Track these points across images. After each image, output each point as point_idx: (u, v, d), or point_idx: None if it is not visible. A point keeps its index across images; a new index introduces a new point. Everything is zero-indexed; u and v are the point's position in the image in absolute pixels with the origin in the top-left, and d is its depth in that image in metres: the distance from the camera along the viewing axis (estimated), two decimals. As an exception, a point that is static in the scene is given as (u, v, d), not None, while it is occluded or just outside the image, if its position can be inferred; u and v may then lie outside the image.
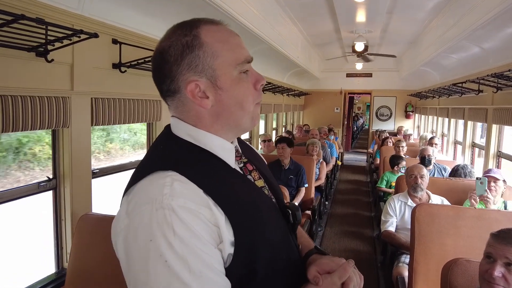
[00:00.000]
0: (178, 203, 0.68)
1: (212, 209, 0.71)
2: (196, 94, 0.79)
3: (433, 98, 7.61)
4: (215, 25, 0.82)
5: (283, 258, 0.83)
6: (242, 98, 0.82)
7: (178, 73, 0.79)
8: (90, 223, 1.99)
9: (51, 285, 2.03)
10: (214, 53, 0.79)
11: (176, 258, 0.66)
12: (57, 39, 1.79)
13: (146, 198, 0.70)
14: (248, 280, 0.75)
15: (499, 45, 3.80)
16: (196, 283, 0.66)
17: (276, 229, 0.85)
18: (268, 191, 0.92)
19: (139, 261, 0.68)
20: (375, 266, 3.99)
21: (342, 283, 0.82)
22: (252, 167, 0.92)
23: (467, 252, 2.03)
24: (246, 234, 0.74)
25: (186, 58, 0.78)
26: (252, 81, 0.84)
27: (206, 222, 0.70)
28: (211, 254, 0.69)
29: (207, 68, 0.78)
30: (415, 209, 2.25)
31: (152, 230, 0.67)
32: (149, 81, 2.75)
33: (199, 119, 0.82)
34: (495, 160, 4.27)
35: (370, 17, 5.61)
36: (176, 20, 2.97)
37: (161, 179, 0.72)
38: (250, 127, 0.88)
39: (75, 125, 2.12)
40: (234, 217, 0.73)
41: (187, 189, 0.71)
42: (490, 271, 1.39)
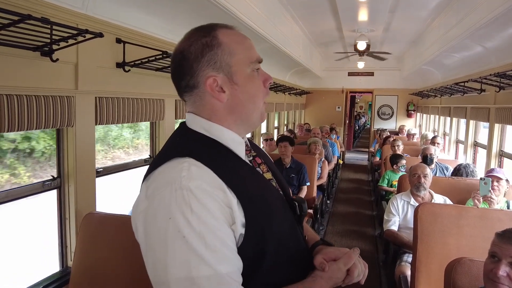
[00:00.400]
0: (195, 185, 0.74)
1: (225, 191, 0.77)
2: (214, 88, 0.86)
3: (435, 97, 7.60)
4: (230, 29, 0.91)
5: (290, 246, 0.89)
6: (254, 94, 0.90)
7: (198, 69, 0.86)
8: (94, 222, 2.00)
9: (55, 283, 2.04)
10: (231, 52, 0.87)
11: (194, 234, 0.71)
12: (62, 38, 1.80)
13: (165, 181, 0.77)
14: (257, 263, 0.80)
15: (502, 44, 3.79)
16: (212, 257, 0.72)
17: (283, 219, 0.90)
18: (276, 184, 0.98)
19: (158, 239, 0.74)
20: (377, 265, 4.00)
21: (347, 270, 0.88)
22: (261, 160, 0.99)
23: (470, 251, 2.03)
24: (256, 218, 0.80)
25: (206, 55, 0.86)
26: (262, 79, 0.92)
27: (220, 203, 0.76)
28: (225, 232, 0.75)
29: (224, 65, 0.86)
30: (417, 208, 2.25)
31: (171, 208, 0.73)
32: (152, 80, 2.79)
33: (214, 112, 0.89)
34: (497, 159, 4.27)
35: (372, 16, 5.60)
36: (180, 19, 2.98)
37: (179, 164, 0.79)
38: (258, 123, 0.95)
39: (80, 124, 2.13)
40: (245, 201, 0.79)
41: (203, 173, 0.77)
42: (495, 270, 1.40)
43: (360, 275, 0.91)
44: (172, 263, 0.72)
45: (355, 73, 10.82)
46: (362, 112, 24.42)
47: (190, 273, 0.71)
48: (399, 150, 5.46)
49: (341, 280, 0.88)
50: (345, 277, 0.88)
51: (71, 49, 1.97)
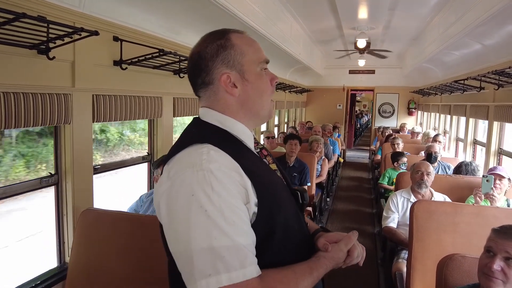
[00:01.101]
0: (215, 166, 0.84)
1: (241, 174, 0.86)
2: (228, 84, 0.97)
3: (435, 95, 7.58)
4: (240, 33, 1.03)
5: (295, 230, 0.98)
6: (262, 90, 1.01)
7: (213, 67, 0.97)
8: (92, 218, 2.02)
9: (53, 279, 2.07)
10: (242, 52, 0.99)
11: (214, 209, 0.80)
12: (58, 36, 1.81)
13: (187, 163, 0.86)
14: (267, 241, 0.89)
15: (500, 42, 3.79)
16: (231, 229, 0.80)
17: (288, 205, 0.99)
18: (280, 174, 1.08)
19: (181, 214, 0.82)
20: (375, 262, 4.01)
21: (348, 251, 0.98)
22: (267, 153, 1.11)
23: (464, 248, 2.04)
24: (266, 200, 0.89)
25: (221, 55, 0.97)
26: (269, 78, 1.04)
27: (236, 184, 0.85)
28: (241, 209, 0.84)
29: (236, 63, 0.98)
30: (413, 206, 2.25)
31: (193, 187, 0.82)
32: (150, 78, 2.80)
33: (227, 106, 0.99)
34: (496, 157, 4.27)
35: (372, 14, 5.59)
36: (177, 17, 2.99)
37: (199, 149, 0.88)
38: (267, 118, 1.06)
39: (77, 122, 2.15)
40: (257, 184, 0.88)
41: (221, 157, 0.87)
42: (489, 264, 1.41)
43: (359, 256, 1.00)
44: (195, 235, 0.79)
45: (356, 71, 10.80)
46: (366, 111, 24.30)
47: (211, 244, 0.79)
48: (399, 148, 5.46)
49: (342, 260, 0.98)
50: (346, 258, 0.98)
51: (68, 47, 1.98)
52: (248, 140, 1.01)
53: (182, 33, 3.11)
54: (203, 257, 0.78)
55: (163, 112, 2.98)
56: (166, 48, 2.62)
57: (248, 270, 0.80)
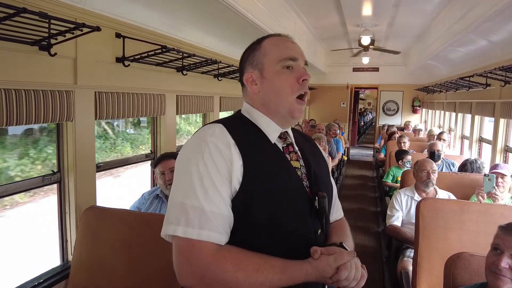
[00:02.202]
0: (212, 140, 0.97)
1: (231, 150, 0.97)
2: (250, 82, 1.09)
3: (440, 92, 7.52)
4: (277, 36, 1.12)
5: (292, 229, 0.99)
6: (279, 87, 1.05)
7: (244, 68, 1.11)
8: (94, 216, 2.01)
9: (55, 277, 2.05)
10: (265, 53, 1.08)
11: (196, 174, 0.94)
12: (59, 32, 1.79)
13: (197, 136, 1.02)
14: (243, 219, 0.95)
15: (507, 37, 3.73)
16: (202, 195, 0.92)
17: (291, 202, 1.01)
18: (303, 174, 1.07)
19: (178, 170, 1.00)
20: (380, 261, 3.98)
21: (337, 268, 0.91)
22: (293, 149, 1.11)
23: (471, 246, 2.01)
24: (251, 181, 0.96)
25: (249, 57, 1.10)
26: (297, 76, 1.06)
27: (224, 158, 0.96)
28: (221, 182, 0.94)
29: (259, 63, 1.08)
30: (419, 204, 2.23)
31: (191, 153, 0.98)
32: (153, 75, 2.78)
33: (253, 101, 1.10)
34: (502, 154, 4.22)
35: (377, 10, 5.55)
36: (180, 14, 2.96)
37: (211, 126, 1.02)
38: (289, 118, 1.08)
39: (79, 119, 2.13)
40: (248, 166, 0.97)
41: (222, 133, 0.99)
42: (496, 262, 1.38)
43: (350, 279, 0.91)
44: (176, 189, 0.97)
45: (360, 69, 10.73)
46: (370, 109, 24.18)
47: (184, 200, 0.93)
48: (405, 147, 5.41)
49: (329, 275, 0.91)
50: (334, 275, 0.91)
51: (70, 44, 1.96)
52: (270, 132, 1.07)
53: (185, 30, 3.09)
54: (175, 208, 0.94)
55: (166, 109, 2.96)
56: (169, 45, 2.60)
57: (204, 232, 0.90)
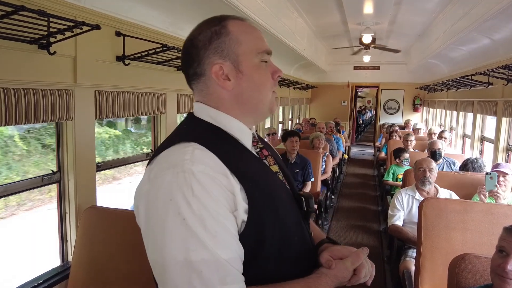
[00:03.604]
0: (198, 169, 0.74)
1: (228, 177, 0.77)
2: (220, 76, 0.87)
3: (442, 91, 7.50)
4: (240, 20, 0.92)
5: (295, 241, 0.87)
6: (260, 83, 0.90)
7: (205, 56, 0.87)
8: (94, 216, 1.99)
9: (55, 277, 2.04)
10: (238, 41, 0.88)
11: (194, 216, 0.71)
12: (59, 31, 1.78)
13: (168, 164, 0.77)
14: (258, 252, 0.79)
15: (510, 36, 3.71)
16: (211, 241, 0.71)
17: (289, 213, 0.89)
18: (283, 177, 0.96)
19: (158, 220, 0.73)
20: (381, 261, 3.96)
21: (354, 269, 0.86)
22: (268, 153, 0.98)
23: (475, 247, 2.00)
24: (260, 206, 0.79)
25: (214, 43, 0.87)
26: (271, 71, 0.92)
27: (223, 188, 0.75)
28: (226, 217, 0.74)
29: (231, 53, 0.87)
30: (422, 203, 2.21)
31: (172, 190, 0.73)
32: (153, 74, 2.77)
33: (220, 101, 0.89)
34: (504, 153, 4.20)
35: (378, 9, 5.52)
36: (180, 12, 2.94)
37: (183, 148, 0.79)
38: (267, 113, 0.95)
39: (79, 118, 2.11)
40: (249, 187, 0.79)
41: (207, 157, 0.77)
42: (502, 265, 1.36)
43: (367, 275, 0.88)
44: (170, 245, 0.71)
45: (360, 67, 10.71)
46: (370, 107, 24.15)
47: (188, 256, 0.70)
48: (411, 145, 5.38)
49: (347, 279, 0.86)
50: (352, 277, 0.86)
51: (69, 42, 1.94)
52: (245, 139, 0.90)
53: (185, 28, 3.06)
54: (178, 270, 0.70)
55: (167, 108, 2.94)
56: (169, 43, 2.58)
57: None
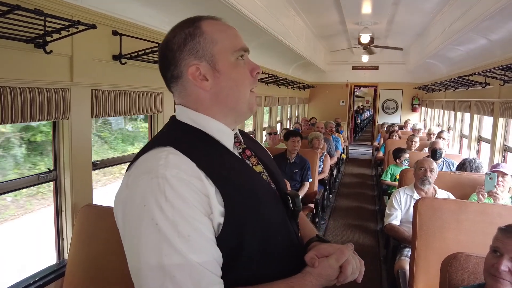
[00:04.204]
0: (171, 173, 0.74)
1: (203, 180, 0.77)
2: (197, 77, 0.87)
3: (440, 91, 7.52)
4: (214, 20, 0.91)
5: (279, 241, 0.87)
6: (238, 81, 0.89)
7: (181, 58, 0.87)
8: (91, 215, 2.00)
9: (51, 275, 2.04)
10: (213, 40, 0.87)
11: (166, 222, 0.71)
12: (55, 30, 1.78)
13: (144, 170, 0.78)
14: (239, 250, 0.79)
15: (507, 36, 3.72)
16: (184, 245, 0.71)
17: (272, 212, 0.88)
18: (268, 177, 0.96)
19: (134, 225, 0.75)
20: (378, 260, 3.98)
21: (340, 267, 0.84)
22: (251, 153, 0.97)
23: (468, 246, 2.01)
24: (238, 208, 0.79)
25: (188, 44, 0.87)
26: (249, 68, 0.92)
27: (197, 192, 0.75)
28: (201, 221, 0.74)
29: (206, 53, 0.87)
30: (417, 203, 2.23)
31: (146, 196, 0.74)
32: (150, 73, 2.77)
33: (199, 102, 0.89)
34: (501, 154, 4.22)
35: (376, 8, 5.54)
36: (177, 11, 2.94)
37: (158, 153, 0.79)
38: (247, 113, 0.94)
39: (75, 117, 2.12)
40: (225, 189, 0.78)
41: (181, 162, 0.77)
42: (496, 265, 1.37)
43: (355, 272, 0.86)
44: (144, 250, 0.72)
45: (359, 67, 10.73)
46: (368, 107, 24.14)
47: (161, 261, 0.70)
48: (415, 147, 5.38)
49: (334, 277, 0.84)
50: (339, 275, 0.84)
51: (66, 41, 1.95)
52: (225, 139, 0.90)
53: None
54: (152, 275, 0.71)
55: (164, 107, 2.95)
56: (166, 42, 2.58)
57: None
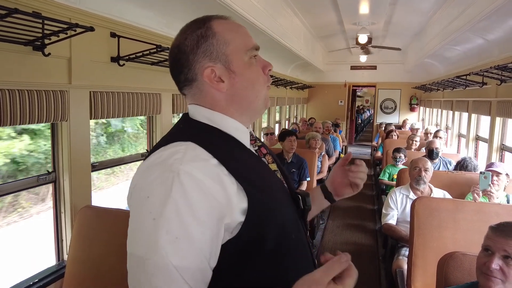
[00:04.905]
0: (185, 169, 0.72)
1: (223, 179, 0.75)
2: (213, 79, 0.85)
3: (438, 90, 7.54)
4: (224, 19, 0.90)
5: (292, 239, 0.86)
6: (254, 80, 0.89)
7: (195, 61, 0.85)
8: (90, 216, 2.01)
9: (51, 277, 2.05)
10: (226, 41, 0.86)
11: (161, 218, 0.69)
12: (53, 33, 1.79)
13: (159, 161, 0.76)
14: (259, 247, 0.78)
15: (504, 36, 3.74)
16: (169, 246, 0.69)
17: (287, 211, 0.88)
18: (281, 176, 0.96)
19: (133, 214, 0.75)
20: (376, 259, 3.99)
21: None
22: (266, 151, 0.98)
23: (465, 245, 2.02)
24: (259, 205, 0.78)
25: (201, 47, 0.85)
26: (261, 66, 0.91)
27: (206, 194, 0.72)
28: (199, 228, 0.71)
29: (220, 54, 0.86)
30: (414, 202, 2.24)
31: (153, 188, 0.72)
32: (148, 74, 2.78)
33: (215, 102, 0.87)
34: (498, 153, 4.24)
35: (373, 9, 5.55)
36: (175, 13, 2.95)
37: (177, 146, 0.77)
38: (263, 109, 0.95)
39: (74, 119, 2.13)
40: (248, 186, 0.77)
41: (199, 158, 0.75)
42: (487, 263, 1.39)
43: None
44: (135, 242, 0.73)
45: (357, 67, 10.75)
46: (368, 106, 24.17)
47: (144, 255, 0.70)
48: (415, 146, 5.39)
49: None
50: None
51: (64, 44, 1.96)
52: (242, 137, 0.89)
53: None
54: (135, 267, 0.71)
55: (162, 109, 2.96)
56: (164, 44, 2.59)
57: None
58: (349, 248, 4.25)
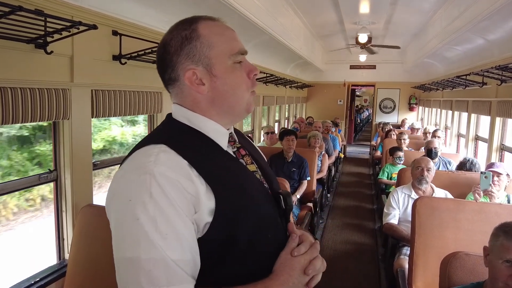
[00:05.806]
0: (159, 170, 0.75)
1: (193, 179, 0.78)
2: (194, 81, 0.87)
3: (437, 90, 7.55)
4: (212, 21, 0.90)
5: (269, 239, 0.88)
6: (235, 85, 0.89)
7: (178, 62, 0.87)
8: (91, 215, 2.00)
9: (52, 276, 2.05)
10: (210, 44, 0.87)
11: (147, 218, 0.73)
12: (55, 30, 1.78)
13: (134, 165, 0.80)
14: (229, 247, 0.81)
15: (504, 36, 3.75)
16: (161, 242, 0.73)
17: (263, 210, 0.89)
18: (261, 176, 0.97)
19: (117, 219, 0.77)
20: (376, 259, 4.00)
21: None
22: (245, 152, 0.98)
23: (467, 245, 2.03)
24: (228, 204, 0.80)
25: (185, 48, 0.86)
26: (246, 71, 0.91)
27: (182, 191, 0.76)
28: (182, 220, 0.75)
29: (203, 57, 0.87)
30: (416, 202, 2.25)
31: (132, 191, 0.75)
32: (150, 73, 2.77)
33: (196, 104, 0.89)
34: (498, 153, 4.25)
35: (374, 8, 5.55)
36: (176, 11, 2.94)
37: (150, 150, 0.80)
38: (244, 114, 0.96)
39: (76, 117, 2.12)
40: (216, 186, 0.80)
41: (171, 160, 0.78)
42: None
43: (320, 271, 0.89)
44: (123, 244, 0.75)
45: (357, 66, 10.76)
46: (366, 106, 24.20)
47: (138, 255, 0.72)
48: (405, 144, 5.41)
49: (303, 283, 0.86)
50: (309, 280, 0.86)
51: (66, 42, 1.95)
52: (220, 139, 0.91)
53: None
54: (128, 268, 0.73)
55: (163, 107, 2.95)
56: (166, 42, 2.59)
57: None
58: (348, 247, 4.26)
